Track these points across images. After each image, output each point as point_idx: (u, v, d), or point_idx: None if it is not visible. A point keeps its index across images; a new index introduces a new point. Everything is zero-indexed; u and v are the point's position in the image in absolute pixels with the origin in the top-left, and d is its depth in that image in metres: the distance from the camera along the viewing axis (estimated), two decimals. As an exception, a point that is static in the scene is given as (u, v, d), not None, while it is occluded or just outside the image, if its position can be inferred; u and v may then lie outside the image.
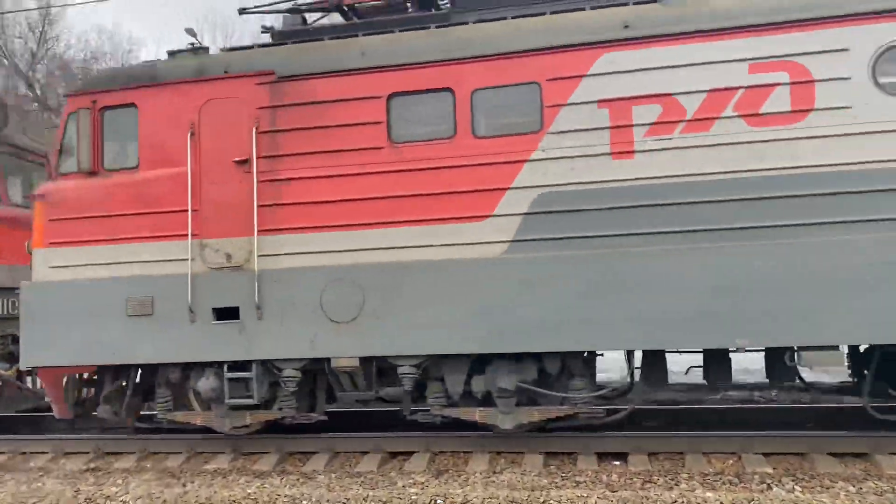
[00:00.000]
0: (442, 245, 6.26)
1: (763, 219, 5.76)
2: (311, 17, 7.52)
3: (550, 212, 6.10)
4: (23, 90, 29.50)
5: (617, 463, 6.33)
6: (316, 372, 6.87)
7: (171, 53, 7.23)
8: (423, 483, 5.99)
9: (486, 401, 6.54)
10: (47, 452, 7.56)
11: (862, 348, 6.53)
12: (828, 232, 5.66)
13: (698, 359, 6.60)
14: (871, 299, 5.54)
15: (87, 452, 7.45)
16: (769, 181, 5.76)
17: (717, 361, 6.52)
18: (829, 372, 8.78)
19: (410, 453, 6.76)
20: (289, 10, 7.50)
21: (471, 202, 6.22)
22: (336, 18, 7.45)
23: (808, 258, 5.65)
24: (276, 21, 7.57)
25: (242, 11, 7.68)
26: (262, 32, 7.24)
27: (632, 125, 5.99)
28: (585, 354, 6.42)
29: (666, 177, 5.92)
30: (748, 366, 9.21)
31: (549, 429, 6.63)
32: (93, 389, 7.42)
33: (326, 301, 6.42)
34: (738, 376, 8.45)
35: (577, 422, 6.48)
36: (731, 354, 6.52)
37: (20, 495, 6.33)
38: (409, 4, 7.25)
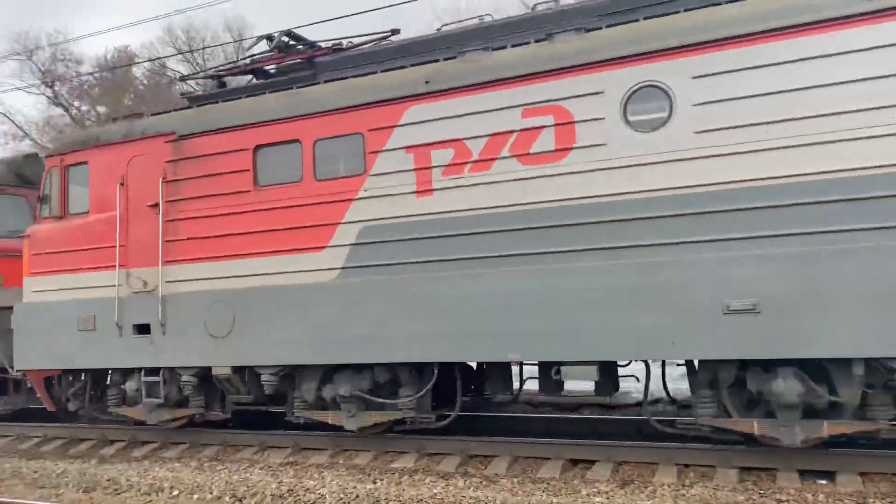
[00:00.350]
0: (292, 272, 7.49)
1: (532, 247, 6.46)
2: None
3: (370, 242, 7.15)
4: None
5: (823, 482, 5.83)
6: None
7: (114, 120, 9.02)
8: (607, 493, 5.88)
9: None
10: (253, 446, 8.32)
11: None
12: (584, 258, 6.27)
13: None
14: (618, 319, 6.10)
15: (287, 447, 8.09)
16: (539, 213, 6.46)
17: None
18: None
19: (591, 462, 6.71)
20: (212, 76, 9.06)
21: (313, 235, 7.40)
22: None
23: (567, 282, 6.29)
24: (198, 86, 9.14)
25: (183, 78, 9.38)
26: (181, 96, 8.84)
27: (431, 167, 6.91)
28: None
29: (457, 211, 6.78)
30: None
31: (396, 430, 7.61)
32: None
33: (209, 319, 7.86)
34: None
35: (415, 425, 7.42)
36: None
37: (232, 483, 6.94)
38: (302, 65, 8.51)
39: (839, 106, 5.54)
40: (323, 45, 8.35)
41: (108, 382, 8.99)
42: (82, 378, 9.07)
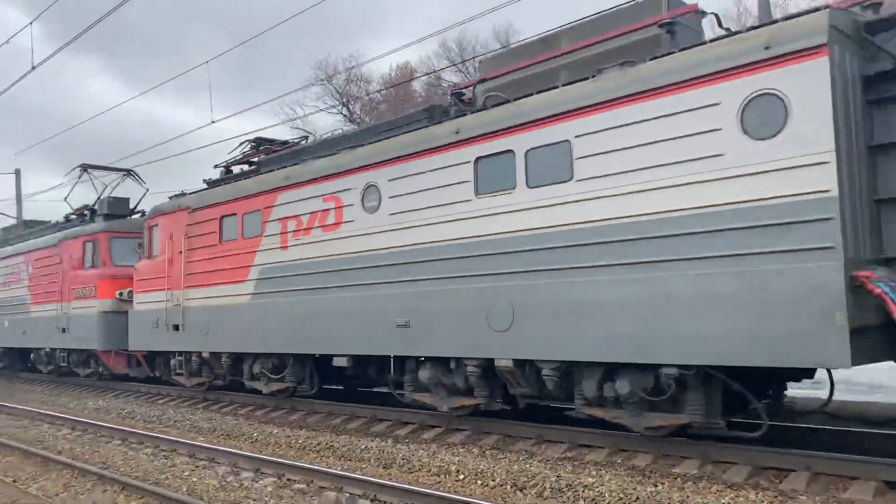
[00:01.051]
0: (233, 295, 12.16)
1: (333, 282, 10.36)
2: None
3: (264, 278, 11.55)
4: None
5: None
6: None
7: (170, 198, 14.48)
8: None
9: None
10: (531, 438, 8.62)
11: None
12: (345, 291, 10.06)
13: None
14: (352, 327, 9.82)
15: (564, 443, 8.26)
16: (333, 262, 10.34)
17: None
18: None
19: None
20: (223, 165, 14.09)
21: (242, 273, 11.99)
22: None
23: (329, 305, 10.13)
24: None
25: (216, 166, 14.49)
26: (203, 182, 13.97)
27: (287, 231, 11.10)
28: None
29: (300, 259, 10.89)
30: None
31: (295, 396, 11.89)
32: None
33: (203, 323, 12.85)
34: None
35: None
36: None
37: (513, 473, 7.13)
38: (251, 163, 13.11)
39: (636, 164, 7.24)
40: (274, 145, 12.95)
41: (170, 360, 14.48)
42: (162, 357, 14.68)
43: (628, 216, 7.25)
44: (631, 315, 7.16)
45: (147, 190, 19.05)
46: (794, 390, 8.55)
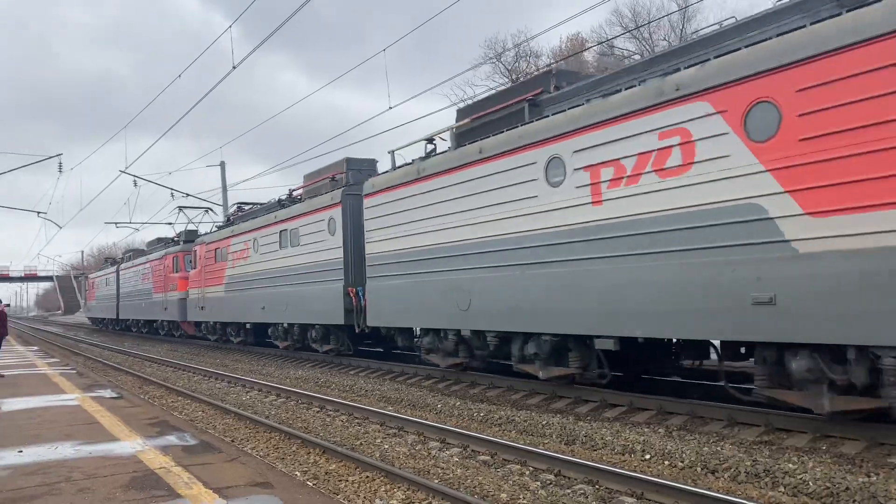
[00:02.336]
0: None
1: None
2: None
3: (232, 281, 15.44)
4: None
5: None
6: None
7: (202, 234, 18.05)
8: None
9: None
10: (721, 420, 8.22)
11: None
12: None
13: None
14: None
15: (759, 425, 7.81)
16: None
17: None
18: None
19: None
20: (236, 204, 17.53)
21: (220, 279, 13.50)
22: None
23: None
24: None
25: (238, 205, 17.42)
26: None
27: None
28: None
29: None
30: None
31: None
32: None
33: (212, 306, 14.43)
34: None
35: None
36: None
37: (703, 455, 6.90)
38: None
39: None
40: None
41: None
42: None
43: (496, 235, 10.77)
44: (514, 298, 10.41)
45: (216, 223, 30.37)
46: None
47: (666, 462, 7.02)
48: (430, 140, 12.94)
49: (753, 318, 7.19)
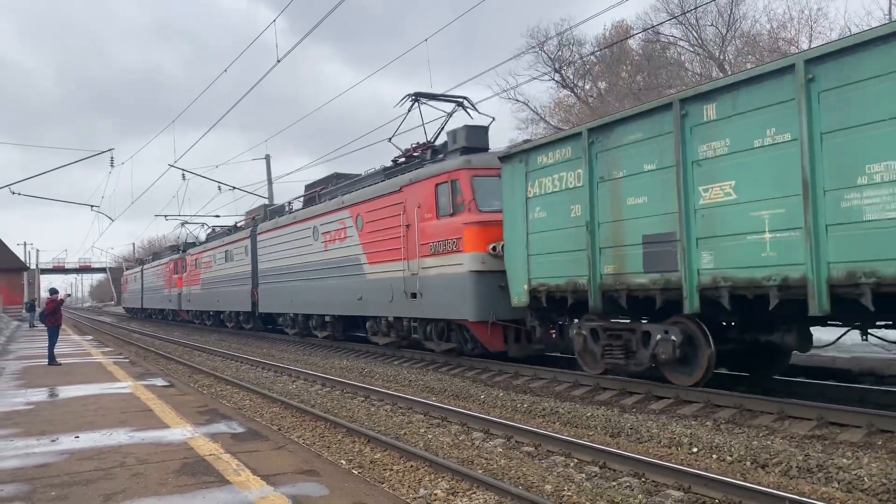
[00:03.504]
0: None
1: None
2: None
3: (205, 282, 26.93)
4: (715, 72, 31.95)
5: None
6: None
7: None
8: None
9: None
10: (771, 413, 8.01)
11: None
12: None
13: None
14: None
15: (811, 419, 7.60)
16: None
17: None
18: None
19: None
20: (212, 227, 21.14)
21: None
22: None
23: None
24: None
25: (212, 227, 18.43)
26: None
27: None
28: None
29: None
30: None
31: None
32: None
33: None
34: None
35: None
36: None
37: (752, 449, 6.77)
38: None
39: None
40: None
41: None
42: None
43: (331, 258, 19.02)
44: (308, 296, 20.38)
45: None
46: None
47: (714, 456, 6.90)
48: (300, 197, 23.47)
49: (358, 306, 17.39)
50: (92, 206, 39.89)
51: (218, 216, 39.77)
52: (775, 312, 7.96)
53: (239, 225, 29.36)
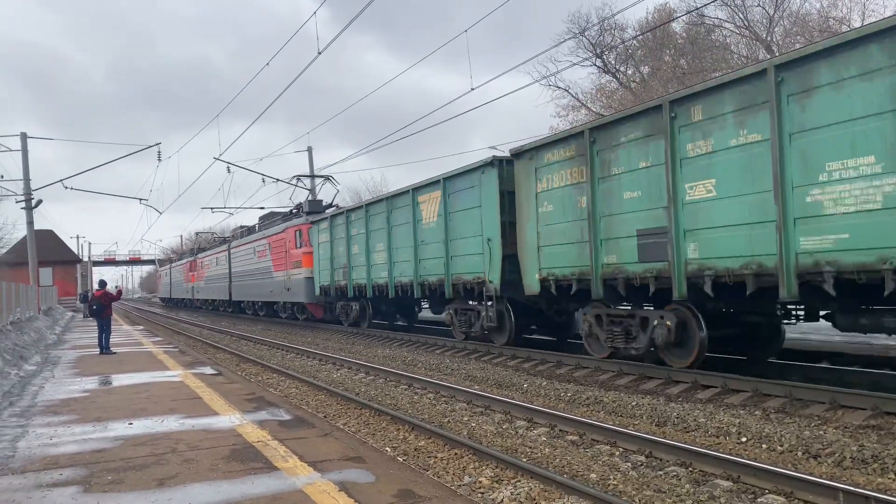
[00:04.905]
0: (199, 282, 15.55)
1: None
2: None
3: (209, 277, 32.93)
4: (762, 55, 31.05)
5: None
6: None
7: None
8: None
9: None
10: (823, 402, 7.88)
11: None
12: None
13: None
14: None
15: (865, 409, 7.47)
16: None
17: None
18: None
19: None
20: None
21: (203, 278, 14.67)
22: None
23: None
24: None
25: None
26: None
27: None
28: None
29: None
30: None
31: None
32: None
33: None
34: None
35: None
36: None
37: (804, 439, 6.68)
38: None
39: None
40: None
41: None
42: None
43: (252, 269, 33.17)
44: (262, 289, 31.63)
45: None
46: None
47: (763, 445, 6.81)
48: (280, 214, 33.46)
49: (269, 295, 30.33)
50: (140, 199, 40.93)
51: (262, 208, 41.04)
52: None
53: (226, 237, 44.32)
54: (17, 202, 35.19)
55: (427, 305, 20.94)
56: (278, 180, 36.31)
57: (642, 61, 39.74)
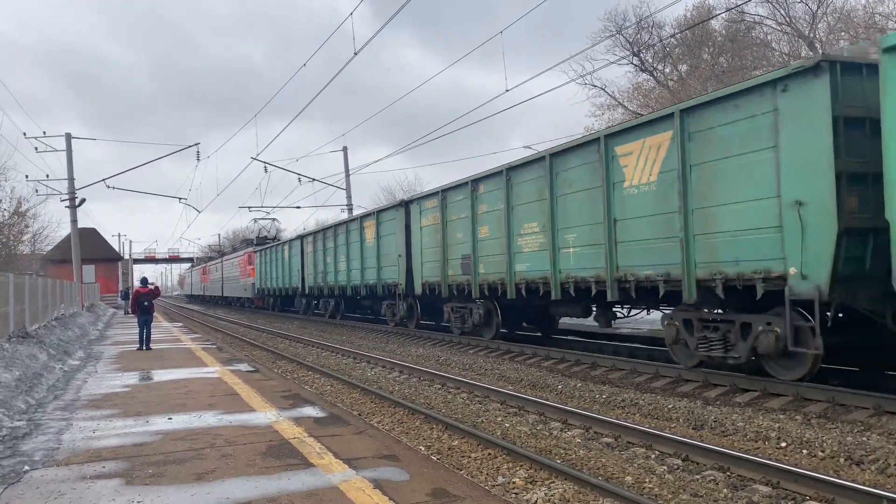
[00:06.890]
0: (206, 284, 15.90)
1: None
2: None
3: (211, 280, 44.24)
4: (804, 52, 30.27)
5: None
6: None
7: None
8: None
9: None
10: (867, 408, 7.74)
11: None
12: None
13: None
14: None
15: None
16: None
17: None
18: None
19: None
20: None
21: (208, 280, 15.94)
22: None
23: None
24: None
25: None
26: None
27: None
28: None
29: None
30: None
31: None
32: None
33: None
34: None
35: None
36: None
37: (846, 444, 6.58)
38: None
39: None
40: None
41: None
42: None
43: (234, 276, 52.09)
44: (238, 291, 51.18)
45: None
46: None
47: (804, 451, 6.68)
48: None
49: (243, 293, 49.33)
50: (180, 198, 41.87)
51: (298, 207, 42.64)
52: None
53: (224, 251, 64.03)
54: (61, 201, 36.14)
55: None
56: (314, 180, 36.75)
57: (680, 59, 39.16)
